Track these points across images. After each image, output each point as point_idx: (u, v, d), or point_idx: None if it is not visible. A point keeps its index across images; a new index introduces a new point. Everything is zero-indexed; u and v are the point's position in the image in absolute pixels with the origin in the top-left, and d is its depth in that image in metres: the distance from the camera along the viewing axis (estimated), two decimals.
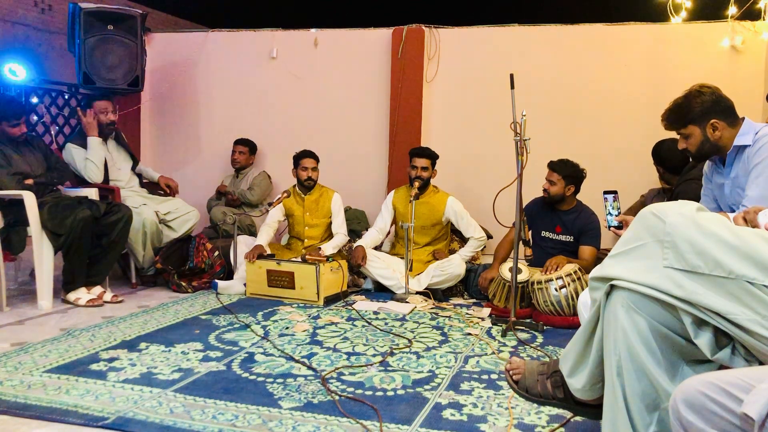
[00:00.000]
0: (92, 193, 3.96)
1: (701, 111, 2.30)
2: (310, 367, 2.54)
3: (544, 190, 3.76)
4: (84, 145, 4.10)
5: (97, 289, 3.66)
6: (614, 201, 2.02)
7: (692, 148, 2.36)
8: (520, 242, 3.27)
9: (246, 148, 5.12)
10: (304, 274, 3.75)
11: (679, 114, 2.34)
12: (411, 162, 4.15)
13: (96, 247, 3.66)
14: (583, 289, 2.79)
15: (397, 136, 5.12)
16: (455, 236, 4.47)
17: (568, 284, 3.30)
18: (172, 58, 5.59)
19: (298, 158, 4.30)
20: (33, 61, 6.15)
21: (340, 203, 4.38)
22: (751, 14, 4.59)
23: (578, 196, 3.81)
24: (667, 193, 3.91)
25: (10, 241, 3.52)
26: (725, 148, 2.32)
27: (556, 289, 3.31)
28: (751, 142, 2.26)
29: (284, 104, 5.43)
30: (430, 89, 5.16)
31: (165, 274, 4.07)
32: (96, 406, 2.10)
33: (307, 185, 4.28)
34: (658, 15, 5.03)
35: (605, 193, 2.03)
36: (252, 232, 4.64)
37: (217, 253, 4.19)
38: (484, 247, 4.29)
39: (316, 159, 4.31)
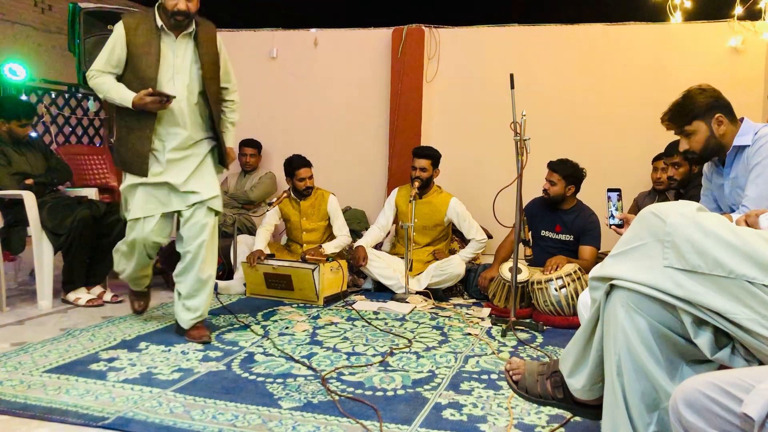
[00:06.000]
0: (92, 193, 3.97)
1: (706, 106, 2.29)
2: (310, 367, 2.54)
3: (545, 191, 3.76)
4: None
5: (97, 289, 3.66)
6: (618, 200, 2.01)
7: (698, 145, 2.32)
8: (520, 242, 3.27)
9: (254, 149, 5.06)
10: (300, 276, 3.74)
11: (683, 111, 2.32)
12: (412, 161, 4.15)
13: (96, 247, 3.66)
14: (583, 289, 2.79)
15: (397, 136, 5.12)
16: (455, 236, 4.47)
17: (568, 284, 3.30)
18: None
19: (293, 168, 4.17)
20: (33, 61, 6.16)
21: (337, 205, 4.33)
22: (751, 14, 4.59)
23: (578, 196, 3.81)
24: (662, 194, 3.90)
25: (10, 241, 3.53)
26: (727, 146, 2.31)
27: (556, 289, 3.31)
28: (750, 142, 2.26)
29: (284, 104, 5.43)
30: (430, 89, 5.16)
31: (165, 275, 4.07)
32: (96, 406, 2.10)
33: (306, 194, 4.22)
34: (659, 15, 5.03)
35: (609, 190, 2.02)
36: (252, 232, 4.64)
37: None
38: (485, 247, 4.29)
39: (311, 166, 4.23)
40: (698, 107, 2.30)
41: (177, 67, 2.86)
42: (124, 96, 2.78)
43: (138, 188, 2.90)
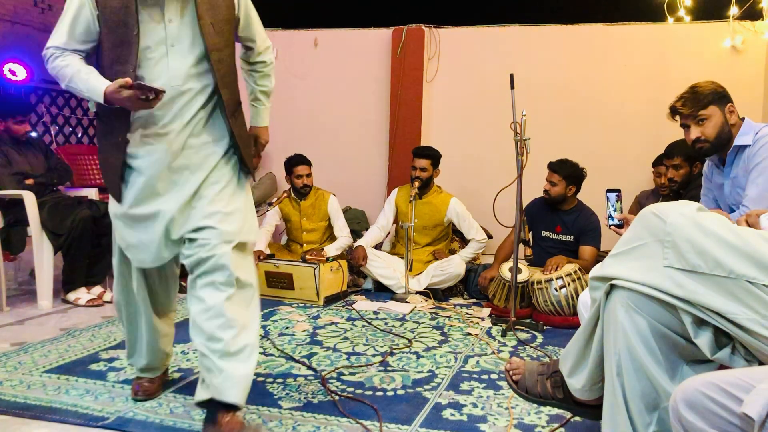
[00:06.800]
0: (92, 193, 3.97)
1: (719, 94, 2.30)
2: (310, 367, 2.54)
3: (545, 191, 3.76)
4: None
5: (97, 289, 3.66)
6: (617, 200, 2.00)
7: (713, 130, 2.28)
8: (521, 242, 3.27)
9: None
10: (302, 275, 3.75)
11: (698, 95, 2.29)
12: (412, 161, 4.14)
13: (96, 247, 3.65)
14: (583, 289, 2.79)
15: (397, 136, 5.12)
16: (455, 236, 4.47)
17: (568, 284, 3.30)
18: None
19: (291, 165, 4.19)
20: (33, 61, 6.15)
21: (338, 206, 4.33)
22: (751, 14, 4.59)
23: (578, 196, 3.81)
24: (666, 195, 3.89)
25: (10, 241, 3.53)
26: (732, 139, 2.31)
27: (556, 289, 3.31)
28: (751, 142, 2.26)
29: (284, 104, 5.43)
30: (430, 89, 5.16)
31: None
32: (96, 406, 2.10)
33: (303, 192, 4.22)
34: (659, 15, 5.03)
35: (608, 191, 2.02)
36: None
37: None
38: (485, 247, 4.29)
39: (310, 164, 4.23)
40: (713, 93, 2.30)
41: (172, 37, 1.91)
42: (93, 85, 1.85)
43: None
